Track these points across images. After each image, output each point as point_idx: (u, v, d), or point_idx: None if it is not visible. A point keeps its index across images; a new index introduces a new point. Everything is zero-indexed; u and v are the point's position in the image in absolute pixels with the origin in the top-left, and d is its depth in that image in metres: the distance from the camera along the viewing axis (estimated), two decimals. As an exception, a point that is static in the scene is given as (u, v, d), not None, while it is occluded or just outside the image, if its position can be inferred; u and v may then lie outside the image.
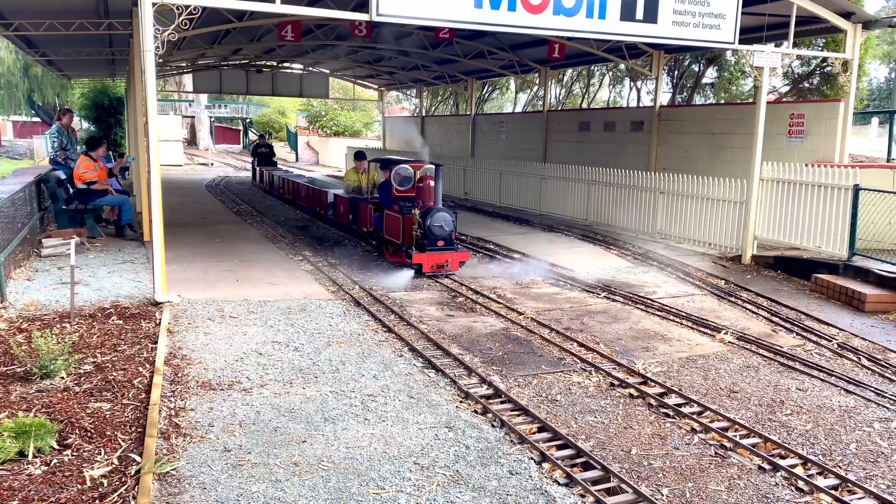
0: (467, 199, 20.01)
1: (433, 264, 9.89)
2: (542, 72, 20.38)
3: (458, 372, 6.46)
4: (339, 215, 13.90)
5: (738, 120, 13.70)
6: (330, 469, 4.55)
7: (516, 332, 7.79)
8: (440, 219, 9.91)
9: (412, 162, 11.31)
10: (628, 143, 16.97)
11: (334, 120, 42.77)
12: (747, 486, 4.60)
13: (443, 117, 29.69)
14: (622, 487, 4.49)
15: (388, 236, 10.80)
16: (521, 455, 4.86)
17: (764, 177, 11.26)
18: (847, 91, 11.94)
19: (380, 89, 30.00)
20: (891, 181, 10.66)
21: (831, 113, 12.20)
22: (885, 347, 7.43)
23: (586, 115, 20.57)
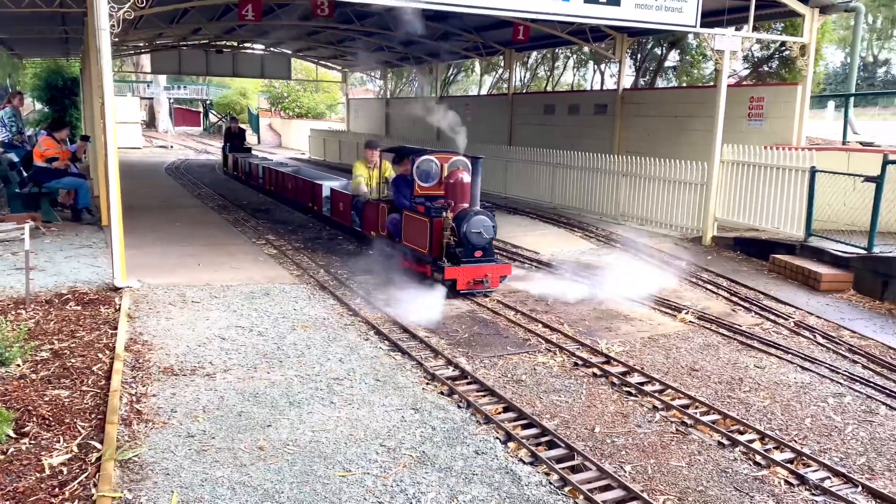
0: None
1: (470, 280, 8.12)
2: (507, 54, 20.36)
3: (424, 354, 6.47)
4: (339, 214, 11.84)
5: (699, 103, 13.87)
6: (296, 453, 4.53)
7: (482, 314, 7.83)
8: (479, 223, 8.11)
9: (438, 153, 9.31)
10: (592, 126, 17.08)
11: (297, 102, 42.22)
12: (707, 462, 4.70)
13: (408, 99, 29.50)
14: (586, 465, 4.56)
15: (410, 244, 8.87)
16: (487, 435, 4.90)
17: (724, 159, 11.44)
18: (805, 75, 12.17)
19: (343, 70, 29.68)
20: (846, 163, 10.91)
21: (790, 96, 12.42)
22: (839, 325, 7.65)
23: (551, 97, 20.65)
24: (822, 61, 18.84)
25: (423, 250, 8.50)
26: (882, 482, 4.49)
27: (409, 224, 8.88)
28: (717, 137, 11.18)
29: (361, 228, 10.74)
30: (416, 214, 8.66)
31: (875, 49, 43.78)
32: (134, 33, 18.67)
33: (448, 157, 9.14)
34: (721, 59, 11.00)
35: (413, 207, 8.86)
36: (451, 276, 8.07)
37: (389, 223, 9.47)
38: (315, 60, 29.13)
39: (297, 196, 14.52)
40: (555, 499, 4.14)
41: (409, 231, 8.92)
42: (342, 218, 11.69)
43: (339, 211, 11.86)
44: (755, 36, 12.14)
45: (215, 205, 15.41)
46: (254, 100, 47.74)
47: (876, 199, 8.78)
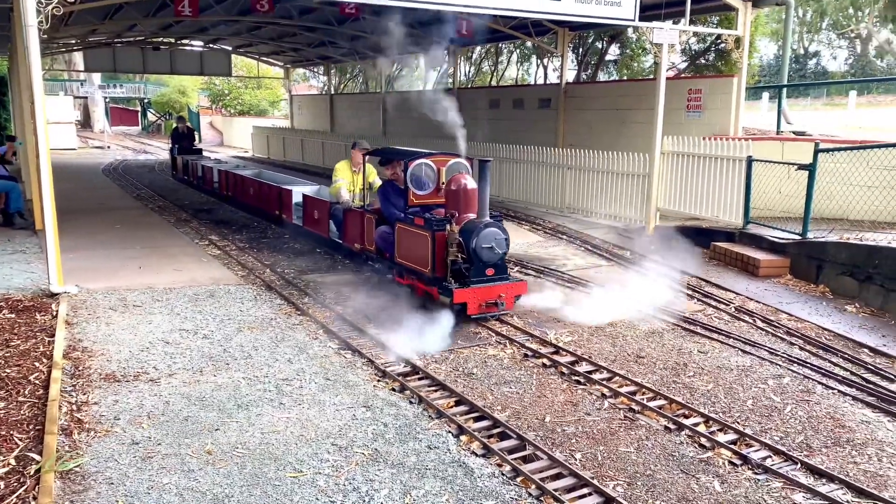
0: (379, 179, 19.86)
1: (482, 302, 7.03)
2: (451, 49, 20.36)
3: (375, 351, 6.43)
4: (313, 223, 10.44)
5: (640, 96, 14.14)
6: (245, 455, 4.46)
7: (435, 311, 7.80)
8: (490, 237, 7.03)
9: (433, 155, 8.11)
10: (537, 120, 17.24)
11: (238, 99, 41.43)
12: (654, 446, 4.81)
13: (352, 95, 29.26)
14: (537, 454, 4.61)
15: (406, 261, 7.73)
16: (439, 429, 4.91)
17: (665, 150, 11.69)
18: (740, 67, 12.52)
19: (286, 66, 29.24)
20: (780, 153, 11.28)
21: (726, 88, 12.77)
22: (778, 309, 7.91)
23: (496, 92, 20.75)
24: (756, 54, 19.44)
25: (424, 269, 7.39)
26: (819, 458, 4.67)
27: (405, 238, 7.71)
28: (658, 129, 11.42)
29: (342, 240, 9.41)
30: (414, 228, 7.52)
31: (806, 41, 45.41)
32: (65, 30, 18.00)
33: (445, 160, 8.07)
34: (660, 52, 11.23)
35: (409, 219, 7.68)
36: (461, 299, 6.92)
37: (379, 237, 8.27)
38: (256, 56, 28.62)
39: (260, 203, 12.99)
40: (507, 489, 4.17)
41: (404, 246, 7.76)
42: (317, 228, 10.30)
43: (314, 220, 10.40)
44: (692, 29, 12.43)
45: (156, 206, 15.01)
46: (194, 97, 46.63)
47: (809, 186, 9.10)
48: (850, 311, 7.81)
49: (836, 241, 8.58)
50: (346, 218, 9.23)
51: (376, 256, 8.46)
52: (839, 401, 5.58)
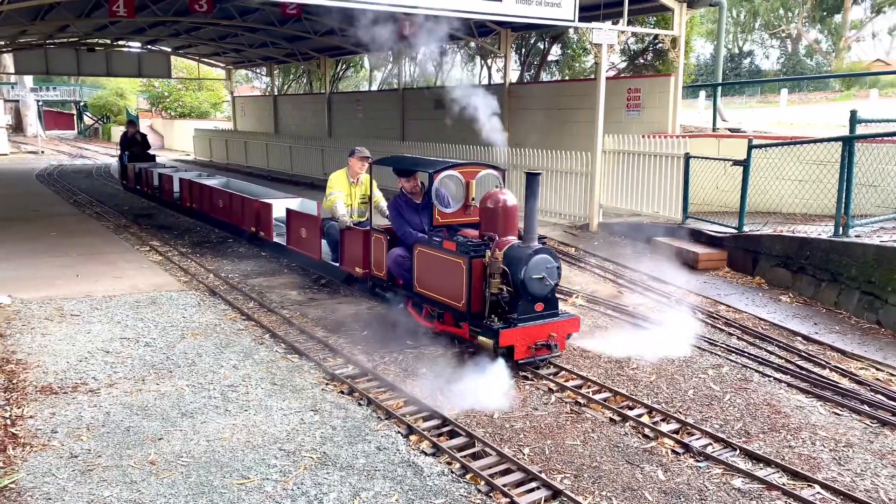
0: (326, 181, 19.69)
1: (531, 344, 5.87)
2: (396, 49, 20.33)
3: (323, 355, 6.39)
4: (300, 243, 9.09)
5: (581, 95, 14.38)
6: (190, 464, 4.37)
7: (381, 310, 7.80)
8: (540, 266, 5.89)
9: (461, 165, 6.84)
10: (482, 120, 17.33)
11: (179, 101, 40.50)
12: (600, 438, 4.91)
13: (297, 96, 28.94)
14: (486, 451, 4.66)
15: (431, 292, 6.57)
16: (388, 430, 4.91)
17: (606, 149, 11.92)
18: (676, 66, 12.86)
19: (227, 68, 28.73)
20: (716, 149, 11.62)
21: (664, 87, 13.09)
22: (716, 301, 8.16)
23: (440, 92, 20.78)
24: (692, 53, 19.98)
25: (455, 303, 6.21)
26: (757, 444, 4.84)
27: (429, 265, 6.53)
28: (599, 128, 11.64)
29: (339, 263, 8.20)
30: (442, 253, 6.34)
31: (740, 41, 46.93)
32: (-8, 31, 17.34)
33: (474, 171, 6.83)
34: (599, 52, 11.44)
35: (434, 242, 6.51)
36: (509, 341, 5.76)
37: (393, 262, 7.06)
38: (197, 58, 28.04)
39: (232, 217, 11.45)
40: (457, 487, 4.20)
41: (427, 274, 6.56)
42: (306, 248, 8.95)
43: (302, 239, 9.04)
44: (630, 30, 12.70)
45: (93, 212, 14.57)
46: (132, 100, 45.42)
47: (744, 181, 9.40)
48: (784, 301, 8.10)
49: (770, 233, 8.89)
50: (344, 237, 8.04)
51: (387, 283, 7.24)
52: (775, 388, 5.79)
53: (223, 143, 28.01)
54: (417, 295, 6.79)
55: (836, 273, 7.69)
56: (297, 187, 18.46)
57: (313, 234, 8.78)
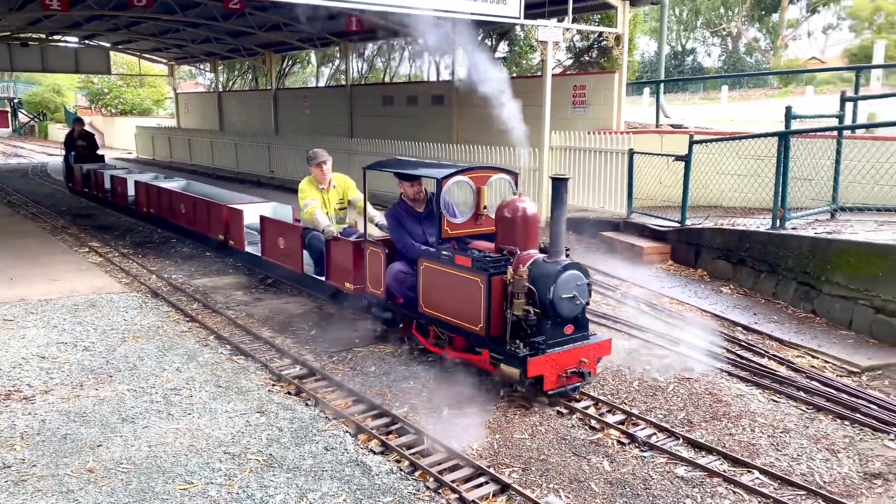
0: (273, 178, 19.41)
1: (561, 372, 5.21)
2: (343, 45, 20.16)
3: (269, 355, 6.30)
4: (278, 254, 8.24)
5: (528, 92, 14.41)
6: (130, 471, 4.25)
7: (329, 309, 7.73)
8: (570, 282, 5.24)
9: (471, 170, 6.03)
10: (431, 117, 17.34)
11: (119, 98, 39.37)
12: (548, 431, 4.95)
13: (242, 92, 28.43)
14: (435, 447, 4.65)
15: (439, 313, 5.83)
16: (336, 430, 4.86)
17: (553, 145, 12.05)
18: (620, 63, 13.07)
19: (170, 63, 28.03)
20: (659, 145, 11.86)
21: (608, 84, 13.28)
22: (660, 293, 8.32)
23: (389, 89, 20.71)
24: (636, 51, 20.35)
25: (472, 326, 5.49)
26: (700, 433, 4.95)
27: (440, 283, 5.77)
28: (546, 125, 11.75)
29: (325, 278, 7.44)
30: (455, 270, 5.58)
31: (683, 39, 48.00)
32: (-84, 24, 16.54)
33: (485, 176, 6.04)
34: (545, 49, 11.55)
35: (443, 256, 5.73)
36: (538, 370, 5.09)
37: (393, 279, 6.26)
38: (137, 53, 27.26)
39: (196, 224, 10.48)
40: (405, 484, 4.19)
41: (437, 293, 5.82)
42: (285, 260, 8.11)
43: (280, 250, 8.20)
44: (575, 27, 12.86)
45: (29, 213, 14.04)
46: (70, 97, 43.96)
47: (685, 176, 9.61)
48: (725, 292, 8.32)
49: (711, 227, 9.12)
50: (330, 249, 7.27)
51: (386, 302, 6.51)
52: (717, 377, 5.94)
53: (166, 140, 27.34)
54: (423, 316, 6.00)
55: (774, 264, 7.93)
56: (244, 185, 18.15)
57: (294, 244, 7.89)
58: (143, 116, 37.61)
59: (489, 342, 5.39)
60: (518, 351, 5.15)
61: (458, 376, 5.89)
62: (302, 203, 7.52)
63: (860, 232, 7.49)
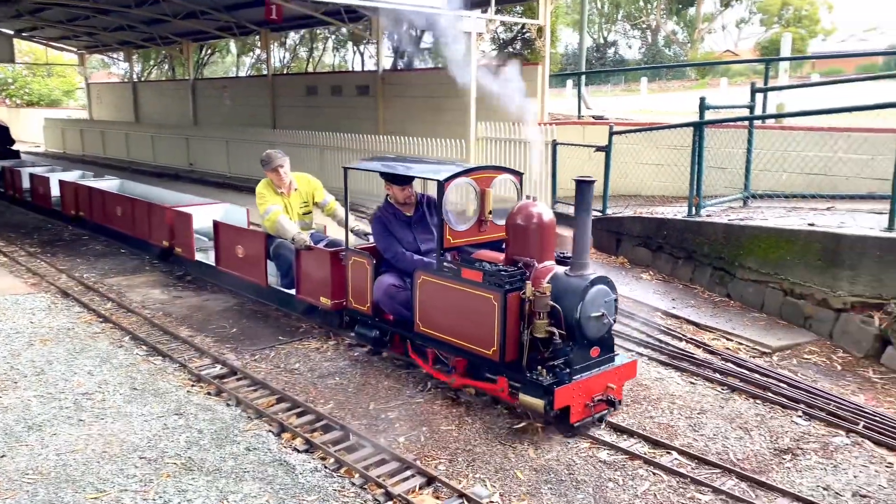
0: (193, 171, 18.81)
1: (588, 402, 4.66)
2: (263, 34, 19.66)
3: (188, 355, 6.09)
4: (237, 264, 7.42)
5: (454, 83, 14.46)
6: (37, 481, 4.03)
7: (251, 306, 7.54)
8: (598, 299, 4.68)
9: (475, 170, 5.41)
10: (356, 107, 17.14)
11: (26, 88, 37.30)
12: (475, 422, 4.96)
13: (159, 83, 27.42)
14: (361, 443, 4.60)
15: (442, 334, 5.16)
16: (258, 430, 4.74)
17: (480, 136, 12.09)
18: (543, 55, 13.22)
19: (80, 52, 26.74)
20: (582, 136, 12.06)
21: (532, 75, 13.40)
22: (584, 281, 8.47)
23: (313, 79, 20.35)
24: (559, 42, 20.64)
25: (483, 350, 4.85)
26: (621, 416, 5.06)
27: (442, 300, 5.11)
28: (472, 116, 11.78)
29: (296, 292, 6.75)
30: (462, 285, 4.94)
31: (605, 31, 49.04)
32: None
33: (490, 177, 5.45)
34: (469, 40, 11.55)
35: (449, 270, 5.06)
36: (566, 400, 4.53)
37: (383, 294, 5.58)
38: (44, 41, 25.89)
39: (136, 230, 9.35)
40: (330, 482, 4.12)
41: (439, 312, 5.15)
42: (247, 271, 7.29)
43: (238, 260, 7.35)
44: (498, 18, 12.92)
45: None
46: (-29, 87, 41.34)
47: (606, 166, 9.81)
48: (645, 278, 8.54)
49: (631, 215, 9.34)
50: (300, 260, 6.59)
51: (374, 319, 5.79)
52: (638, 362, 6.08)
53: (78, 132, 26.11)
54: (419, 336, 5.35)
55: (691, 251, 8.19)
56: (162, 179, 17.51)
57: (256, 253, 7.09)
58: (53, 108, 35.77)
59: (504, 368, 4.76)
60: (541, 379, 4.52)
61: (384, 370, 5.84)
62: (262, 209, 6.80)
63: (770, 218, 7.81)
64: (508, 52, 18.01)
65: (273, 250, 6.96)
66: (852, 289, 6.28)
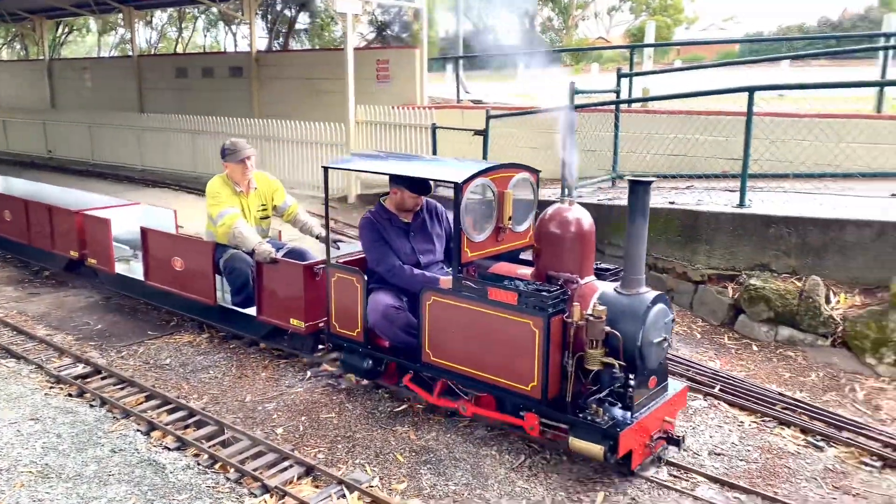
0: (52, 159, 17.51)
1: (648, 440, 3.98)
2: (126, 12, 18.51)
3: (46, 355, 5.68)
4: (178, 281, 6.29)
5: (331, 65, 14.25)
6: None
7: (118, 300, 7.13)
8: (658, 321, 3.99)
9: (491, 170, 4.51)
10: (229, 90, 16.53)
11: None
12: (355, 408, 4.93)
13: (10, 63, 25.23)
14: (236, 437, 4.47)
15: (462, 366, 4.36)
16: (125, 430, 4.51)
17: (359, 120, 11.97)
18: (421, 39, 13.23)
19: (-87, 28, 24.16)
20: (461, 120, 12.20)
21: (410, 59, 13.42)
22: (464, 263, 8.61)
23: (182, 60, 19.43)
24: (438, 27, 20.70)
25: (521, 387, 4.10)
26: (499, 393, 5.19)
27: (459, 324, 4.32)
28: (350, 99, 11.63)
29: (257, 312, 5.76)
30: (489, 308, 4.15)
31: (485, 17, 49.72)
32: None
33: (507, 176, 4.58)
34: (345, 21, 11.38)
35: (471, 290, 4.25)
36: (630, 444, 3.85)
37: (381, 317, 4.72)
38: None
39: (33, 238, 7.95)
40: (203, 479, 3.98)
41: (454, 338, 4.36)
42: (189, 288, 6.21)
43: (175, 274, 6.29)
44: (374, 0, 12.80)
45: None
46: None
47: (484, 149, 9.98)
48: (523, 259, 8.79)
49: (509, 197, 9.55)
50: (262, 275, 5.65)
51: (366, 347, 4.91)
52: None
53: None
54: (428, 367, 4.56)
55: (565, 230, 8.49)
56: (15, 167, 16.18)
57: (201, 266, 6.06)
58: None
59: (546, 406, 4.02)
60: (598, 421, 3.83)
61: (262, 362, 5.70)
62: (214, 212, 5.80)
63: (636, 197, 8.21)
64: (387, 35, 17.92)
65: (224, 263, 5.86)
66: (709, 262, 6.73)
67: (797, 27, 47.08)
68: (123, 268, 7.12)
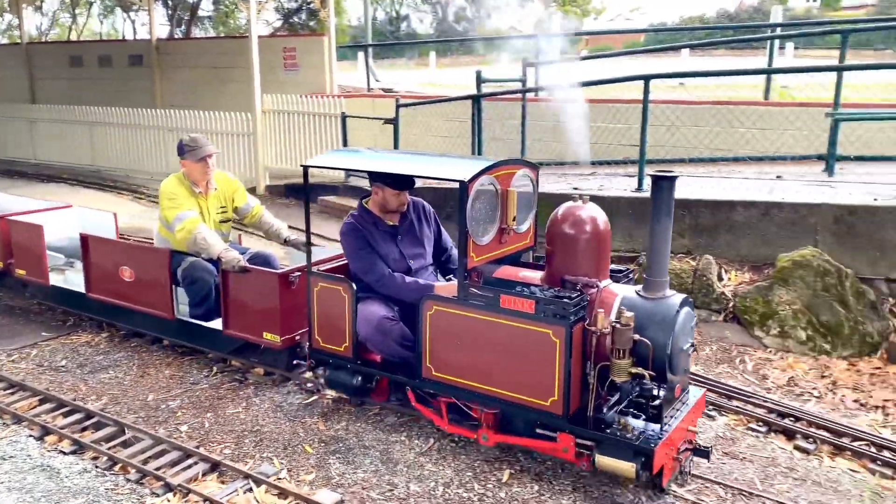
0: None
1: (675, 454, 3.73)
2: (13, -4, 17.44)
3: (-73, 361, 5.34)
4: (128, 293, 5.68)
5: (237, 53, 13.87)
6: None
7: (8, 301, 6.76)
8: (686, 325, 3.76)
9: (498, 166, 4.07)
10: (130, 79, 15.85)
11: None
12: (263, 402, 4.86)
13: None
14: (138, 437, 4.34)
15: (469, 381, 3.99)
16: (16, 436, 4.30)
17: (266, 108, 11.72)
18: (328, 26, 13.06)
19: None
20: (372, 109, 12.14)
21: (318, 47, 13.23)
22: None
23: (77, 48, 18.50)
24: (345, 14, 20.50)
25: (540, 402, 3.76)
26: (409, 380, 5.23)
27: (465, 336, 3.95)
28: (256, 87, 11.37)
29: (223, 326, 5.22)
30: (500, 317, 3.81)
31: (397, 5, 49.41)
32: None
33: (509, 173, 4.21)
34: (248, 8, 11.09)
35: (480, 298, 3.89)
36: (663, 460, 3.60)
37: (375, 329, 4.30)
38: None
39: None
40: (101, 481, 3.85)
41: (460, 351, 3.99)
42: (141, 301, 5.62)
43: (125, 286, 5.68)
44: (280, -13, 12.54)
45: None
46: None
47: (395, 138, 9.97)
48: (435, 246, 8.86)
49: (420, 186, 9.58)
50: (228, 285, 5.13)
51: (355, 363, 4.49)
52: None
53: None
54: (429, 383, 4.17)
55: (475, 217, 8.60)
56: None
57: (154, 277, 5.48)
58: None
59: (568, 422, 3.71)
60: (628, 436, 3.58)
61: (165, 359, 5.55)
62: (171, 215, 5.27)
63: (543, 184, 8.39)
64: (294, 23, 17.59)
65: (183, 272, 5.33)
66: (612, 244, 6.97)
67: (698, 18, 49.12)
68: (59, 278, 6.50)
